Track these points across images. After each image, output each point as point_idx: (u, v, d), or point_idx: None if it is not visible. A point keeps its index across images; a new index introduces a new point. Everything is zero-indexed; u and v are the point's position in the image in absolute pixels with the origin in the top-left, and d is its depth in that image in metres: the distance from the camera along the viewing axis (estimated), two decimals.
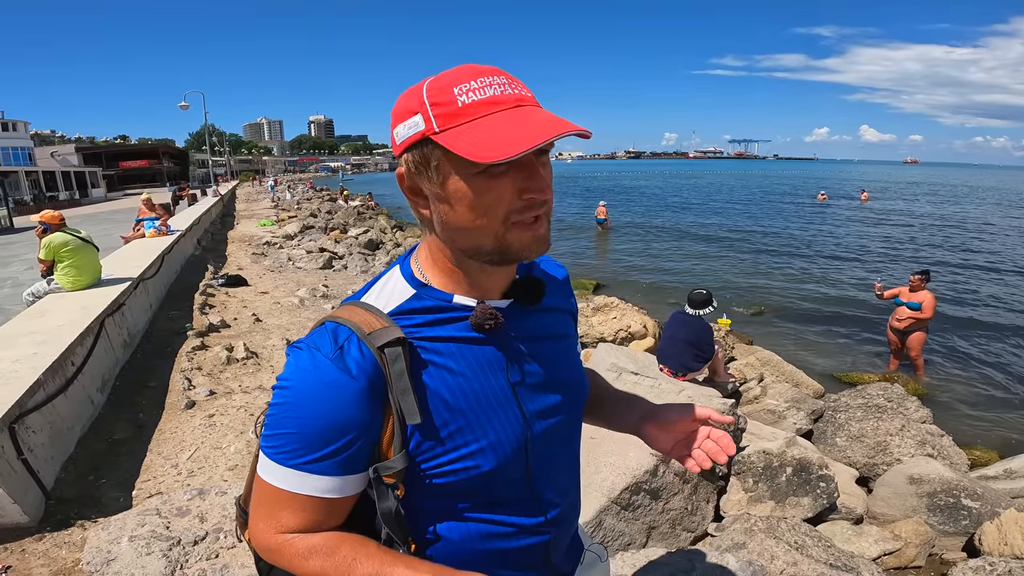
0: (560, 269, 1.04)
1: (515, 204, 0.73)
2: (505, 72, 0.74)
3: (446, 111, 0.71)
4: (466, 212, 0.74)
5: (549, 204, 0.76)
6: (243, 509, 1.01)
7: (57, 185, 34.83)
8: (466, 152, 0.68)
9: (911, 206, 34.72)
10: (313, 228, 16.67)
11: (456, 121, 0.70)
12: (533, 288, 0.87)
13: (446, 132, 0.71)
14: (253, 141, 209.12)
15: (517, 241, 0.75)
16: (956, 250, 17.35)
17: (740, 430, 3.79)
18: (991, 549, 3.11)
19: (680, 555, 2.61)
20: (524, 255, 0.77)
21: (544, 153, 0.74)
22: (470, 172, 0.72)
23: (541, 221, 0.76)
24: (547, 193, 0.74)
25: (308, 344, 0.78)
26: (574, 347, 1.00)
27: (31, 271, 9.21)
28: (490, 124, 0.69)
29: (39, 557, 2.57)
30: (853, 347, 8.25)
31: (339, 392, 0.74)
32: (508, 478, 0.85)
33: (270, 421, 0.78)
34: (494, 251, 0.77)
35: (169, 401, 4.35)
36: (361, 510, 0.85)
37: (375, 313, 0.80)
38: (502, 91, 0.72)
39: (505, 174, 0.72)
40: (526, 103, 0.73)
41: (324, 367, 0.75)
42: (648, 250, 17.40)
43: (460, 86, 0.71)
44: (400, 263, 0.88)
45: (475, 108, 0.70)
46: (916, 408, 4.61)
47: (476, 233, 0.76)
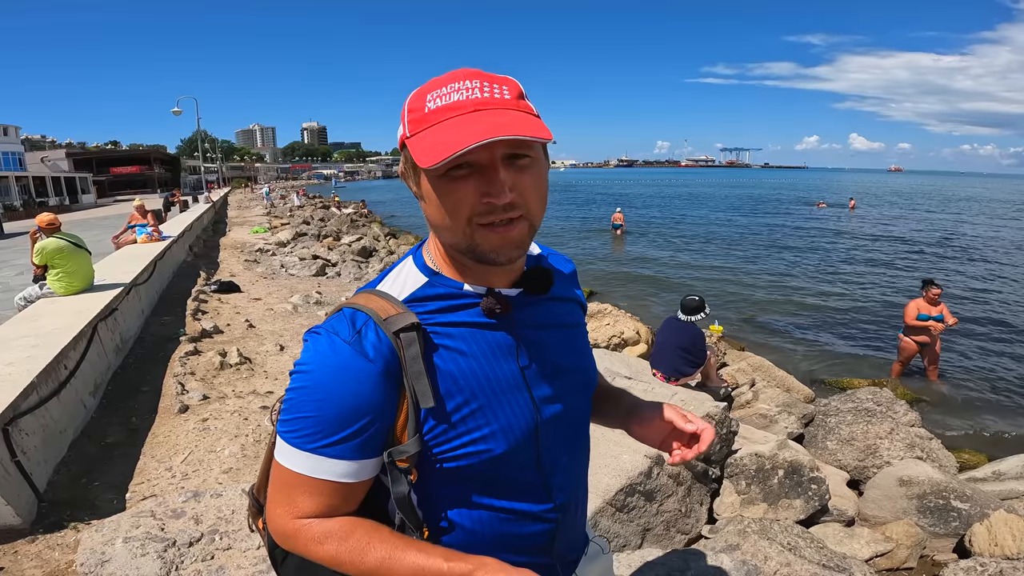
0: (568, 263, 1.06)
1: (477, 207, 0.74)
2: (487, 75, 0.76)
3: (416, 117, 0.75)
4: (436, 212, 0.77)
5: (528, 208, 0.76)
6: (256, 498, 1.03)
7: (47, 191, 34.53)
8: (416, 157, 0.72)
9: (892, 212, 35.61)
10: (306, 235, 16.66)
11: (421, 126, 0.74)
12: (541, 278, 0.90)
13: (414, 137, 0.75)
14: (246, 147, 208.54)
15: (485, 242, 0.76)
16: (941, 257, 17.55)
17: (732, 433, 3.82)
18: (982, 550, 3.14)
19: (675, 555, 2.63)
20: (493, 257, 0.78)
21: (520, 157, 0.74)
22: (433, 175, 0.75)
23: (514, 224, 0.76)
24: (503, 197, 0.73)
25: (327, 329, 0.80)
26: (583, 336, 1.02)
27: (21, 276, 9.15)
28: (442, 129, 0.72)
29: (32, 559, 2.55)
30: (842, 353, 8.35)
31: (357, 375, 0.76)
32: (518, 462, 0.87)
33: (288, 406, 0.79)
34: (467, 251, 0.79)
35: (162, 405, 4.33)
36: (375, 497, 0.87)
37: (390, 300, 0.83)
38: (466, 96, 0.73)
39: (467, 178, 0.73)
40: (487, 107, 0.73)
41: (343, 351, 0.77)
42: (647, 254, 17.73)
43: (433, 92, 0.75)
44: (413, 253, 0.91)
45: (437, 114, 0.74)
46: (905, 412, 4.67)
47: (448, 232, 0.78)
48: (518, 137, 0.69)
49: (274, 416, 0.86)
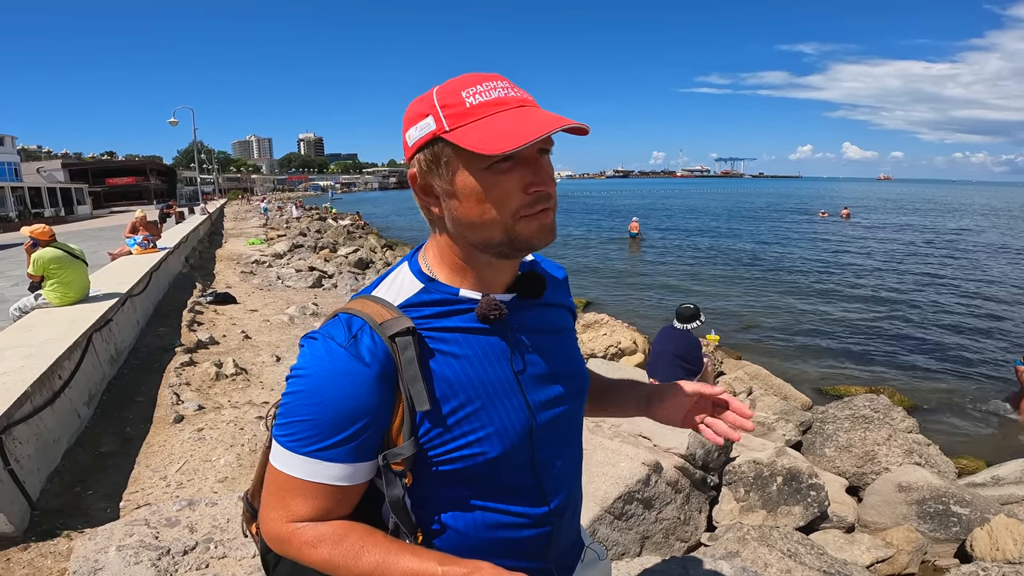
0: (560, 270, 1.07)
1: (523, 199, 0.77)
2: (507, 78, 0.80)
3: (456, 111, 0.76)
4: (474, 207, 0.78)
5: (554, 198, 0.81)
6: (250, 503, 1.02)
7: (43, 201, 34.46)
8: (476, 146, 0.73)
9: (885, 220, 36.29)
10: (302, 247, 16.63)
11: (465, 120, 0.75)
12: (534, 283, 0.91)
13: (456, 130, 0.75)
14: (242, 159, 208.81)
15: (526, 230, 0.79)
16: (936, 265, 17.65)
17: (730, 441, 3.81)
18: (983, 555, 3.13)
19: (674, 563, 2.61)
20: (533, 243, 0.81)
21: (546, 152, 0.79)
22: (478, 167, 0.76)
23: (548, 212, 0.80)
24: (551, 186, 0.78)
25: (323, 334, 0.80)
26: (574, 341, 1.03)
27: (17, 287, 9.10)
28: (496, 121, 0.74)
29: (24, 567, 2.52)
30: (839, 361, 8.37)
31: (353, 379, 0.76)
32: (513, 465, 0.87)
33: (284, 410, 0.79)
34: (504, 242, 0.80)
35: (157, 415, 4.30)
36: (369, 502, 0.86)
37: (386, 305, 0.83)
38: (506, 94, 0.77)
39: (511, 170, 0.76)
40: (528, 104, 0.78)
41: (338, 355, 0.77)
42: (649, 265, 17.95)
43: (467, 89, 0.77)
44: (408, 260, 0.92)
45: (482, 108, 0.75)
46: (902, 418, 4.67)
47: (486, 227, 0.79)
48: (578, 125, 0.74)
49: (269, 421, 0.86)
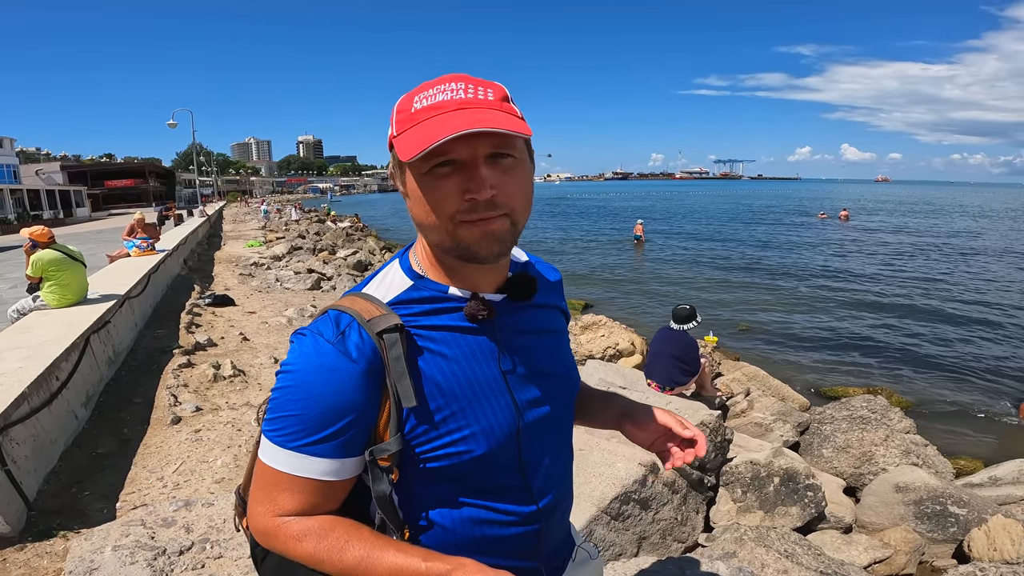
0: (554, 272, 1.06)
1: (459, 205, 0.75)
2: (473, 78, 0.78)
3: (403, 117, 0.78)
4: (420, 209, 0.79)
5: (511, 207, 0.78)
6: (242, 498, 1.02)
7: (42, 204, 34.44)
8: (399, 152, 0.75)
9: (883, 222, 36.21)
10: (301, 249, 16.62)
11: (407, 125, 0.76)
12: (525, 285, 0.90)
13: (400, 136, 0.77)
14: (241, 161, 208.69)
15: (467, 236, 0.77)
16: (933, 266, 17.65)
17: (727, 441, 3.81)
18: (981, 555, 3.13)
19: (671, 563, 2.61)
20: (477, 250, 0.78)
21: (503, 157, 0.76)
22: (418, 171, 0.76)
23: (492, 220, 0.76)
24: (484, 193, 0.74)
25: (312, 330, 0.81)
26: (565, 343, 1.03)
27: (15, 290, 9.09)
28: (428, 126, 0.74)
29: (20, 567, 2.52)
30: (837, 362, 8.36)
31: (340, 375, 0.77)
32: (500, 464, 0.87)
33: (273, 405, 0.80)
34: (451, 248, 0.80)
35: (155, 416, 4.30)
36: (357, 498, 0.87)
37: (374, 302, 0.84)
38: (451, 96, 0.76)
39: (449, 175, 0.75)
40: (470, 106, 0.75)
41: (326, 351, 0.78)
42: (649, 267, 17.89)
43: (421, 94, 0.77)
44: (399, 257, 0.92)
45: (422, 113, 0.76)
46: (899, 419, 4.67)
47: (433, 230, 0.79)
48: (494, 130, 0.71)
49: (260, 416, 0.87)
